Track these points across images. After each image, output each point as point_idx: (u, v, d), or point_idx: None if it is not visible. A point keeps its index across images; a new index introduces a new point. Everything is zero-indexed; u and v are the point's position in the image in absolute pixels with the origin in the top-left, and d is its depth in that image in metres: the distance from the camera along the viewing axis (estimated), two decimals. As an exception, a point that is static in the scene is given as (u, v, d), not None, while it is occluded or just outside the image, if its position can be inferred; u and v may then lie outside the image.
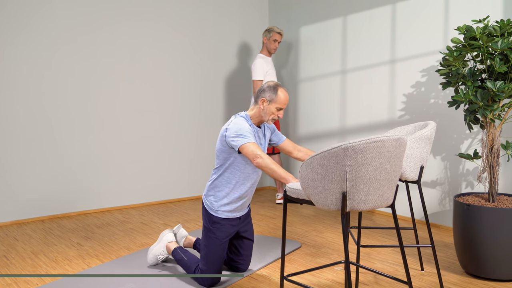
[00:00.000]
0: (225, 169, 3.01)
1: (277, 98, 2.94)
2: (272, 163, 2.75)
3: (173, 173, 5.47)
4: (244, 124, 2.91)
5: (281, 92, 2.96)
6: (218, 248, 3.03)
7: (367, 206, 2.22)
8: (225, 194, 3.03)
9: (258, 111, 3.00)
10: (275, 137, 3.21)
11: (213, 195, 3.06)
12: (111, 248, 3.83)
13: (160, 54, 5.31)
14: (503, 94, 3.01)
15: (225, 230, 3.05)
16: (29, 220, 4.66)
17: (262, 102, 2.97)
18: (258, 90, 3.02)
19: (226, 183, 3.02)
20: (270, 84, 2.99)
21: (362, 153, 2.11)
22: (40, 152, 4.70)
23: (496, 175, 3.18)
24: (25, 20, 4.58)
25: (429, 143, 2.97)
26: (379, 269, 3.32)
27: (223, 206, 3.03)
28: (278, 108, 2.96)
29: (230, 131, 2.90)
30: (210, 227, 3.04)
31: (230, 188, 3.02)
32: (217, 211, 3.04)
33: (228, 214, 3.05)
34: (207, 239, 3.04)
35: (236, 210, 3.08)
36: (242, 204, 3.08)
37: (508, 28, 3.08)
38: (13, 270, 3.38)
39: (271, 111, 2.96)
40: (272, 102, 2.95)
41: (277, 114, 2.98)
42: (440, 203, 4.25)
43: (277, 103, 2.95)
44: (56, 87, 4.76)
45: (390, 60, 4.60)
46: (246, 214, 3.21)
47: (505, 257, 3.02)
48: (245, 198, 3.08)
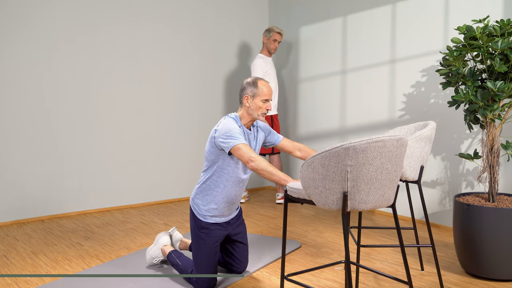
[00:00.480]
0: (213, 171, 2.95)
1: (259, 90, 2.92)
2: (268, 165, 2.70)
3: (173, 173, 5.47)
4: (233, 125, 2.86)
5: (261, 84, 2.93)
6: (208, 253, 2.97)
7: (368, 206, 2.22)
8: (212, 198, 2.97)
9: (245, 110, 2.96)
10: (271, 138, 3.14)
11: (200, 198, 3.00)
12: (111, 248, 3.83)
13: (160, 54, 5.31)
14: (503, 94, 3.02)
15: (214, 235, 2.99)
16: (29, 220, 4.66)
17: (246, 100, 2.94)
18: (240, 90, 2.99)
19: (213, 187, 2.97)
20: (249, 80, 2.96)
21: (363, 153, 2.11)
22: (40, 152, 4.70)
23: (496, 175, 3.18)
24: (25, 20, 4.58)
25: (429, 143, 2.98)
26: (379, 269, 3.32)
27: (210, 210, 2.98)
28: (263, 100, 2.92)
29: (219, 132, 2.85)
30: (199, 232, 2.98)
31: (218, 192, 2.96)
32: (204, 216, 2.99)
33: (216, 219, 3.00)
34: (197, 245, 2.99)
35: (224, 214, 3.03)
36: (230, 208, 3.04)
37: (508, 28, 3.09)
38: (13, 270, 3.39)
39: (258, 106, 2.92)
40: (255, 97, 2.92)
41: (264, 107, 2.92)
42: (440, 203, 4.25)
43: (261, 95, 2.91)
44: (56, 87, 4.76)
45: (390, 60, 4.61)
46: (237, 216, 3.16)
47: (505, 257, 3.02)
48: (233, 202, 3.03)
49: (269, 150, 5.14)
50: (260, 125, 3.12)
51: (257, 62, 5.07)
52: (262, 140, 3.11)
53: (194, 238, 3.02)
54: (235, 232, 3.14)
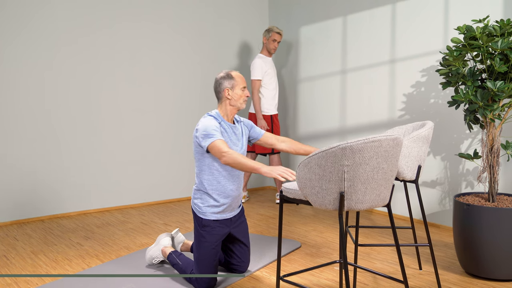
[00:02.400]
0: (204, 171, 3.00)
1: (236, 81, 3.05)
2: (239, 156, 2.75)
3: (173, 173, 5.48)
4: (211, 122, 2.95)
5: (235, 74, 3.08)
6: (209, 253, 3.00)
7: (364, 205, 2.23)
8: (209, 197, 3.01)
9: (227, 103, 3.06)
10: (253, 133, 3.21)
11: (199, 198, 3.04)
12: (111, 248, 3.84)
13: (160, 55, 5.32)
14: (503, 94, 3.02)
15: (216, 233, 3.02)
16: (29, 220, 4.67)
17: (227, 93, 3.04)
18: (215, 87, 3.08)
19: (208, 185, 3.00)
20: (222, 75, 3.07)
21: (360, 153, 2.11)
22: (40, 152, 4.71)
23: (496, 175, 3.19)
24: (25, 20, 4.60)
25: (427, 142, 2.98)
26: (378, 269, 3.33)
27: (210, 207, 3.01)
28: (241, 88, 3.06)
29: (199, 132, 2.93)
30: (201, 231, 3.01)
31: (214, 190, 3.00)
32: (205, 214, 3.01)
33: (218, 216, 3.03)
34: (198, 244, 3.02)
35: (225, 211, 3.06)
36: (230, 204, 3.06)
37: (508, 28, 3.09)
38: (13, 269, 3.40)
39: (238, 94, 3.05)
40: (234, 87, 3.05)
41: (244, 95, 3.06)
42: (440, 203, 4.25)
43: (239, 84, 3.05)
44: (56, 87, 4.78)
45: (390, 60, 4.61)
46: (239, 214, 3.18)
47: (505, 257, 3.03)
48: (232, 197, 3.05)
49: (269, 150, 5.15)
50: (243, 120, 3.21)
51: (257, 62, 5.08)
52: (247, 134, 3.18)
53: (196, 237, 3.05)
54: (237, 231, 3.15)
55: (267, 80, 5.11)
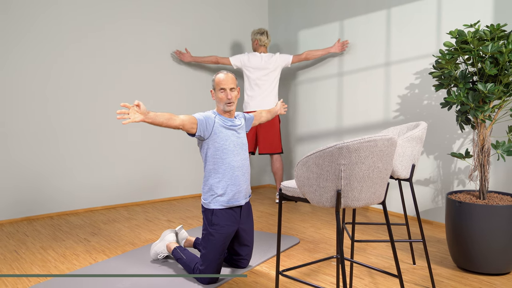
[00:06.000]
0: (207, 160, 3.06)
1: (215, 82, 3.08)
2: (159, 115, 2.82)
3: (177, 172, 5.53)
4: (206, 112, 3.05)
5: (217, 75, 3.09)
6: (217, 250, 3.03)
7: (360, 203, 2.24)
8: (217, 184, 3.04)
9: (217, 104, 3.12)
10: (249, 119, 3.34)
11: (209, 189, 3.07)
12: (117, 244, 3.90)
13: (161, 55, 5.37)
14: (493, 96, 3.05)
15: (224, 232, 3.04)
16: (39, 216, 4.73)
17: (212, 94, 3.12)
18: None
19: (214, 175, 3.04)
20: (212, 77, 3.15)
21: (356, 152, 2.13)
22: (49, 152, 4.76)
23: (486, 174, 3.21)
24: (29, 23, 4.64)
25: (420, 142, 3.02)
26: (374, 264, 3.37)
27: (219, 196, 3.04)
28: (220, 90, 3.05)
29: None
30: (210, 229, 3.04)
31: (220, 178, 3.04)
32: (214, 203, 3.05)
33: (226, 204, 3.06)
34: (206, 241, 3.04)
35: (234, 198, 3.08)
36: (238, 191, 3.08)
37: (498, 32, 3.11)
38: (24, 264, 3.45)
39: (219, 97, 3.06)
40: (216, 89, 3.08)
41: (224, 97, 3.04)
42: (433, 200, 4.30)
43: (217, 85, 3.06)
44: (63, 87, 4.81)
45: (385, 62, 4.65)
46: (247, 210, 3.20)
47: (494, 252, 3.06)
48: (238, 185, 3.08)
49: (270, 150, 5.18)
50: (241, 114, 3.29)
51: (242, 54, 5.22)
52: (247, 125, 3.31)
53: (205, 234, 3.07)
54: (244, 228, 3.18)
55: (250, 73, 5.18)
